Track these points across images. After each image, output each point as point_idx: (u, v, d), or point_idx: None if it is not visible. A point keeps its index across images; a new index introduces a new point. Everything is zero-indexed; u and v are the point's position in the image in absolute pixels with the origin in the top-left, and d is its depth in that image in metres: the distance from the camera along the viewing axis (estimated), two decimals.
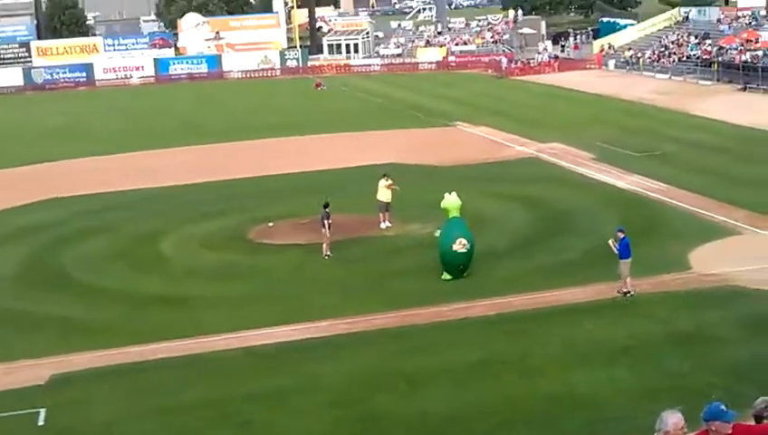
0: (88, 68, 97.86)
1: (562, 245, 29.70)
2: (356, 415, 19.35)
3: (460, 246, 27.29)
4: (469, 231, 27.66)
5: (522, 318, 24.14)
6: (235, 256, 31.49)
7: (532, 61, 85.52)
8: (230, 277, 29.28)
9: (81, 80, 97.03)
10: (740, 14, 79.88)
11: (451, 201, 27.76)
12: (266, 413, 19.64)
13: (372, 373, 21.25)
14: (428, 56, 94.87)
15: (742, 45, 68.66)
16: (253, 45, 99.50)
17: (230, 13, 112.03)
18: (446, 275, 27.49)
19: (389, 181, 33.74)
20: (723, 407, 9.42)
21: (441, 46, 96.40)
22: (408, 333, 23.54)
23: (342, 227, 31.99)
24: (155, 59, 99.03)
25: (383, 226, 33.27)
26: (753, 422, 9.81)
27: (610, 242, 25.53)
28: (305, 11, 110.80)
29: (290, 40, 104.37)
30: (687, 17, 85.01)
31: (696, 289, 25.57)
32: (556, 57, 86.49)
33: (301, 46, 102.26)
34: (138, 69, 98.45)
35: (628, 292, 25.13)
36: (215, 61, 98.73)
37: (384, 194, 33.55)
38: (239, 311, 25.90)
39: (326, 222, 30.35)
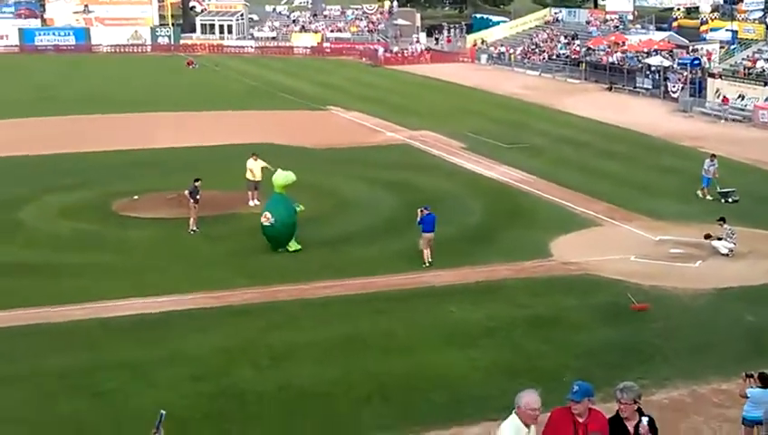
0: None
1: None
2: (217, 389, 19.10)
3: (264, 219, 27.92)
4: (286, 207, 28.04)
5: (386, 298, 24.30)
6: (98, 227, 30.78)
7: (406, 51, 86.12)
8: (91, 248, 28.58)
9: None
10: (608, 17, 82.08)
11: (276, 178, 28.39)
12: (123, 384, 19.23)
13: (235, 348, 21.07)
14: (303, 41, 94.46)
15: (609, 47, 70.64)
16: (123, 20, 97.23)
17: None
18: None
19: (259, 160, 33.60)
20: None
21: (316, 32, 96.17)
22: (273, 309, 23.45)
23: (211, 203, 31.62)
24: (20, 29, 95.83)
25: (252, 203, 33.04)
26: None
27: (419, 211, 27.32)
28: None
29: (162, 17, 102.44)
30: (558, 18, 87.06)
31: (555, 276, 26.22)
32: (429, 49, 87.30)
33: (173, 24, 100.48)
34: (1, 38, 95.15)
35: (426, 264, 26.64)
36: (83, 34, 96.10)
37: (253, 172, 33.40)
38: (100, 281, 25.35)
39: (195, 197, 30.00)
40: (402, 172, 38.70)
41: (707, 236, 27.96)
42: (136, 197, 33.95)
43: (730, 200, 34.01)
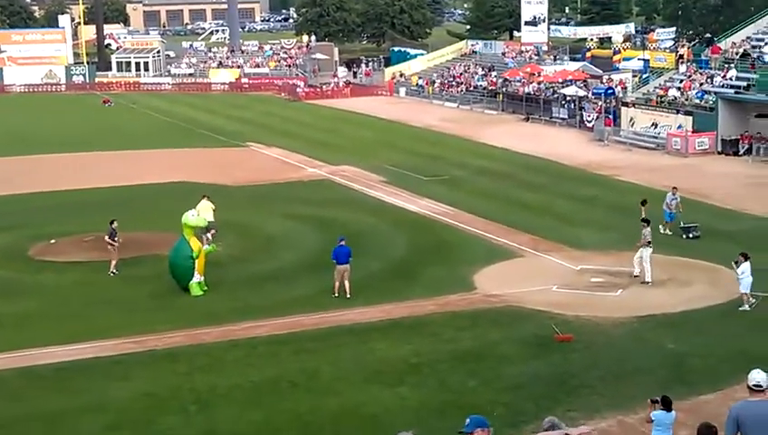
0: None
1: (353, 265, 29.87)
2: None
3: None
4: (176, 250, 28.03)
5: (312, 337, 24.14)
6: (15, 274, 30.07)
7: (325, 85, 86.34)
8: (8, 295, 27.90)
9: None
10: (524, 48, 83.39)
11: (185, 219, 28.07)
12: None
13: (160, 394, 20.72)
14: (221, 77, 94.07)
15: (525, 78, 71.66)
16: (37, 60, 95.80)
17: (12, 26, 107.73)
18: None
19: (208, 202, 32.99)
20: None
21: (234, 68, 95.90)
22: (198, 352, 23.12)
23: (132, 244, 31.16)
24: None
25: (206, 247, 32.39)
26: None
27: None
28: (93, 27, 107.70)
29: (77, 56, 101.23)
30: (475, 50, 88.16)
31: (480, 309, 26.32)
32: (348, 83, 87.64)
33: (88, 62, 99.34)
34: None
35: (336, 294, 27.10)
36: None
37: (208, 214, 32.65)
38: (17, 330, 24.77)
39: (113, 239, 29.57)
40: (325, 208, 38.62)
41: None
42: (53, 241, 33.30)
43: (691, 236, 33.14)
